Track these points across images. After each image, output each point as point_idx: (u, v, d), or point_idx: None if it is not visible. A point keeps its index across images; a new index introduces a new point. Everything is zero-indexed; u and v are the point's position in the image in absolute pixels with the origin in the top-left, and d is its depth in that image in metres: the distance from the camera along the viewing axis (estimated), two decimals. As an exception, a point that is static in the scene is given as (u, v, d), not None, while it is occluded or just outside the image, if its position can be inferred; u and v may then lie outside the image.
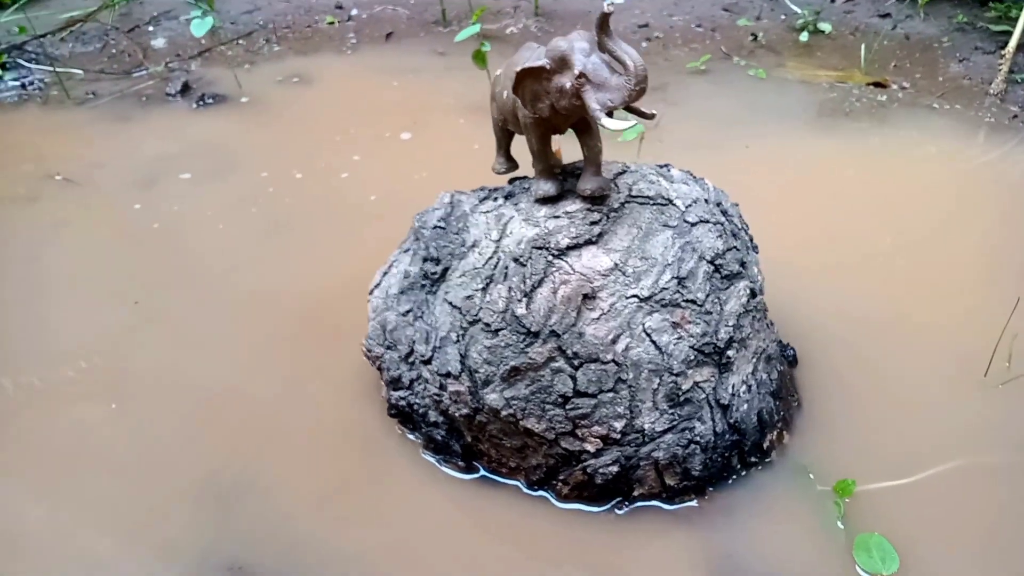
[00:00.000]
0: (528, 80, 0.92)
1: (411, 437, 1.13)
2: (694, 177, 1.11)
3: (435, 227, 1.08)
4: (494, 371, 0.97)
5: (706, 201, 1.05)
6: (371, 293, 1.14)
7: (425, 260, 1.06)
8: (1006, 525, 0.98)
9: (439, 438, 1.07)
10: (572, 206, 0.99)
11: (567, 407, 0.95)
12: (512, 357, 0.95)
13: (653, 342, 0.95)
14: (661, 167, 1.11)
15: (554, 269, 0.95)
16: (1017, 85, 1.92)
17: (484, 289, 0.97)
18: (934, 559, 0.95)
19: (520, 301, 0.94)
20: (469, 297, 0.98)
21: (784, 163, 1.71)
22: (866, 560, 0.93)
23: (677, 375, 0.95)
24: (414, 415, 1.09)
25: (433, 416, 1.06)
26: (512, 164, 1.13)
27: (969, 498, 1.01)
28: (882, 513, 1.00)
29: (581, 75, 0.87)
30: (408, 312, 1.06)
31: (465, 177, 1.28)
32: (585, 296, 0.94)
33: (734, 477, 1.04)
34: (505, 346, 0.95)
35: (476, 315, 0.97)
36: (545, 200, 1.01)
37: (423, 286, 1.05)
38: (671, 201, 1.01)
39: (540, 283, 0.95)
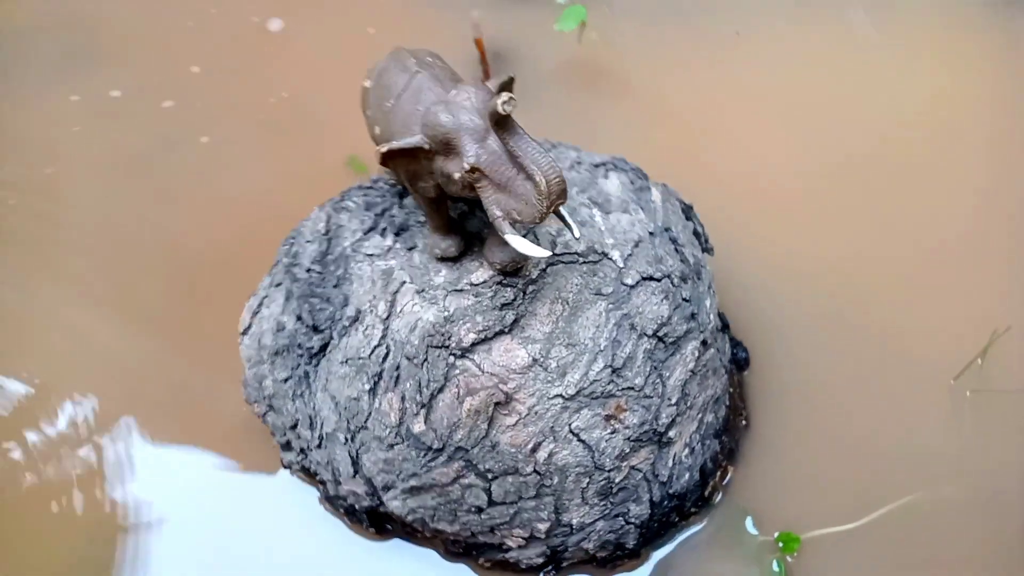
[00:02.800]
0: (400, 160, 0.64)
1: (309, 487, 0.99)
2: (639, 180, 0.87)
3: (309, 269, 0.84)
4: (394, 479, 0.81)
5: (651, 234, 0.83)
6: (242, 334, 0.93)
7: (299, 318, 0.84)
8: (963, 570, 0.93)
9: (341, 505, 0.94)
10: (479, 274, 0.77)
11: (482, 515, 0.82)
12: (412, 474, 0.79)
13: (582, 441, 0.78)
14: (596, 166, 0.86)
15: (457, 372, 0.75)
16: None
17: (372, 391, 0.77)
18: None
19: (417, 415, 0.76)
20: (356, 399, 0.78)
21: (769, 60, 1.41)
22: (805, 636, 0.88)
23: (610, 471, 0.81)
24: (310, 475, 0.95)
25: (332, 489, 0.92)
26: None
27: (925, 539, 0.94)
28: (829, 563, 0.93)
29: (474, 169, 0.60)
30: (287, 380, 0.86)
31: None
32: (497, 403, 0.76)
33: (673, 531, 0.95)
34: (403, 460, 0.78)
35: (364, 423, 0.78)
36: (444, 259, 0.78)
37: (300, 354, 0.85)
38: (606, 255, 0.79)
39: (440, 390, 0.76)
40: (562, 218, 0.67)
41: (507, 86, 0.65)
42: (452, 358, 0.75)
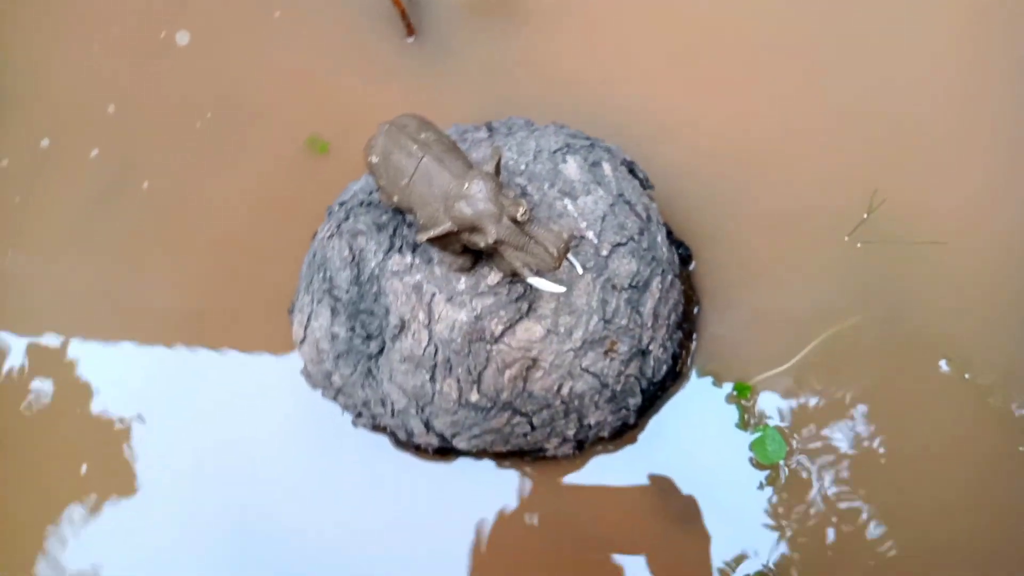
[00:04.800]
0: (438, 240, 0.83)
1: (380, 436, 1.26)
2: (590, 153, 1.07)
3: (348, 290, 1.05)
4: (460, 431, 1.07)
5: (611, 206, 1.04)
6: (300, 343, 1.14)
7: (352, 329, 1.06)
8: (878, 386, 1.26)
9: (412, 445, 1.20)
10: (492, 277, 0.98)
11: (527, 437, 1.09)
12: (474, 425, 1.05)
13: (591, 374, 1.05)
14: (554, 152, 1.06)
15: (495, 354, 0.99)
16: None
17: (432, 379, 1.01)
18: (815, 435, 1.24)
19: (471, 390, 1.01)
20: (420, 386, 1.02)
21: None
22: (762, 454, 1.22)
23: (613, 385, 1.09)
24: (381, 428, 1.21)
25: (403, 438, 1.18)
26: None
27: (841, 368, 1.27)
28: (773, 402, 1.26)
29: (498, 242, 0.80)
30: (352, 374, 1.09)
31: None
32: (528, 367, 1.01)
33: (659, 402, 1.26)
34: (466, 419, 1.05)
35: (431, 400, 1.03)
36: (461, 271, 0.99)
37: (360, 356, 1.07)
38: (583, 237, 1.01)
39: (485, 368, 1.00)
40: (569, 261, 0.89)
41: (497, 166, 0.84)
42: (489, 346, 0.99)
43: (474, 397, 1.02)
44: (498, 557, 1.22)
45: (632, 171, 1.14)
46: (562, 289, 0.90)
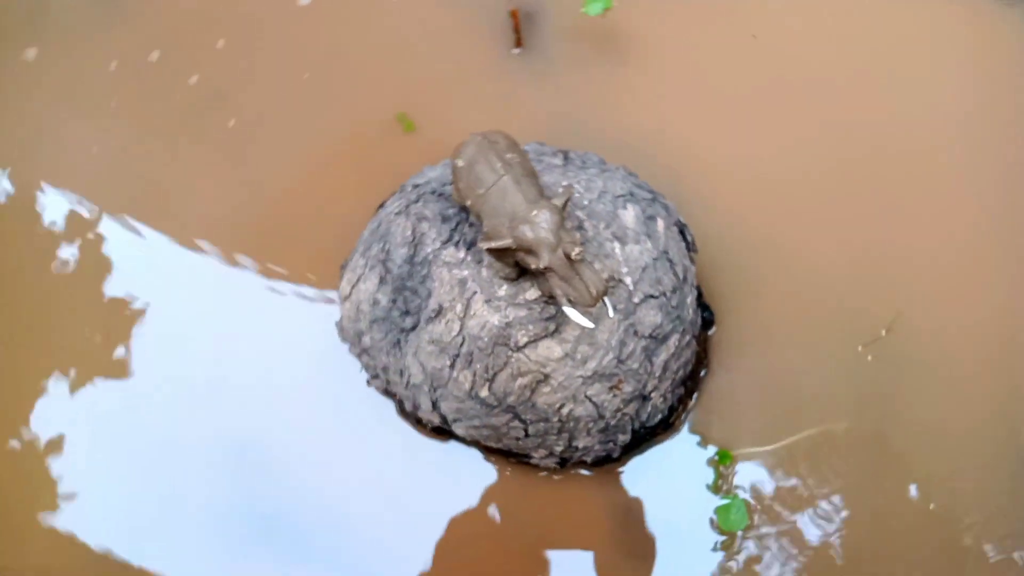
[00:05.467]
0: (495, 251, 0.92)
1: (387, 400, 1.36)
2: (649, 207, 1.15)
3: (401, 266, 1.14)
4: (461, 418, 1.17)
5: (655, 260, 1.13)
6: (344, 300, 1.24)
7: (394, 302, 1.15)
8: (851, 491, 1.33)
9: (413, 416, 1.30)
10: (531, 293, 1.08)
11: (519, 441, 1.19)
12: (475, 417, 1.15)
13: (592, 403, 1.14)
14: (617, 197, 1.14)
15: (513, 361, 1.09)
16: None
17: (452, 366, 1.11)
18: (778, 519, 1.32)
19: (483, 386, 1.10)
20: (439, 369, 1.12)
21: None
22: (724, 520, 1.30)
23: (608, 419, 1.17)
24: (390, 394, 1.30)
25: (409, 408, 1.27)
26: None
27: (821, 465, 1.34)
28: (749, 475, 1.34)
29: (546, 269, 0.89)
30: (383, 340, 1.19)
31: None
32: (539, 381, 1.10)
33: (645, 445, 1.34)
34: (470, 410, 1.14)
35: (445, 385, 1.13)
36: (505, 279, 1.08)
37: (393, 327, 1.17)
38: (621, 280, 1.09)
39: (501, 370, 1.09)
40: (604, 302, 0.98)
41: (565, 204, 0.93)
42: (510, 352, 1.08)
43: (484, 393, 1.11)
44: (453, 535, 1.31)
45: (682, 232, 1.23)
46: (591, 325, 0.99)
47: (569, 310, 0.97)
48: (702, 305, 1.37)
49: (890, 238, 1.49)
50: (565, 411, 1.14)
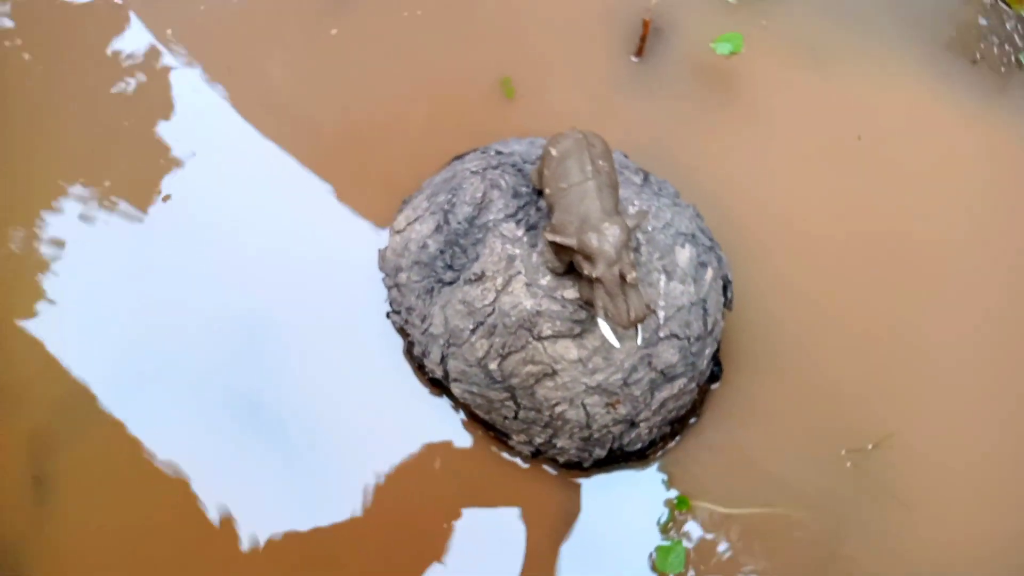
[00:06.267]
0: (555, 244, 0.96)
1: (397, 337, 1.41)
2: (704, 254, 1.19)
3: (460, 222, 1.18)
4: (462, 380, 1.21)
5: (692, 304, 1.17)
6: (396, 232, 1.28)
7: (441, 252, 1.20)
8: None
9: (417, 360, 1.35)
10: (570, 292, 1.12)
11: (506, 420, 1.24)
12: (475, 384, 1.20)
13: (586, 411, 1.19)
14: (679, 234, 1.18)
15: (530, 347, 1.13)
16: None
17: (473, 331, 1.15)
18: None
19: (495, 359, 1.15)
20: (461, 329, 1.17)
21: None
22: (662, 560, 1.35)
23: (594, 430, 1.22)
24: (404, 333, 1.35)
25: (417, 352, 1.32)
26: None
27: (771, 543, 1.39)
28: (699, 528, 1.38)
29: (597, 279, 0.93)
30: (418, 283, 1.23)
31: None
32: (546, 375, 1.14)
33: (615, 467, 1.38)
34: (474, 376, 1.19)
35: (460, 345, 1.17)
36: (552, 271, 1.12)
37: (432, 275, 1.21)
38: (655, 311, 1.13)
39: (516, 352, 1.14)
40: (636, 329, 1.02)
41: (636, 226, 0.97)
42: (531, 339, 1.13)
43: (492, 366, 1.16)
44: (406, 478, 1.36)
45: (725, 287, 1.26)
46: (617, 344, 1.04)
47: (602, 322, 1.01)
48: (715, 359, 1.40)
49: (906, 359, 1.52)
50: (559, 409, 1.18)
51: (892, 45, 1.65)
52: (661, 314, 1.14)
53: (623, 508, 1.39)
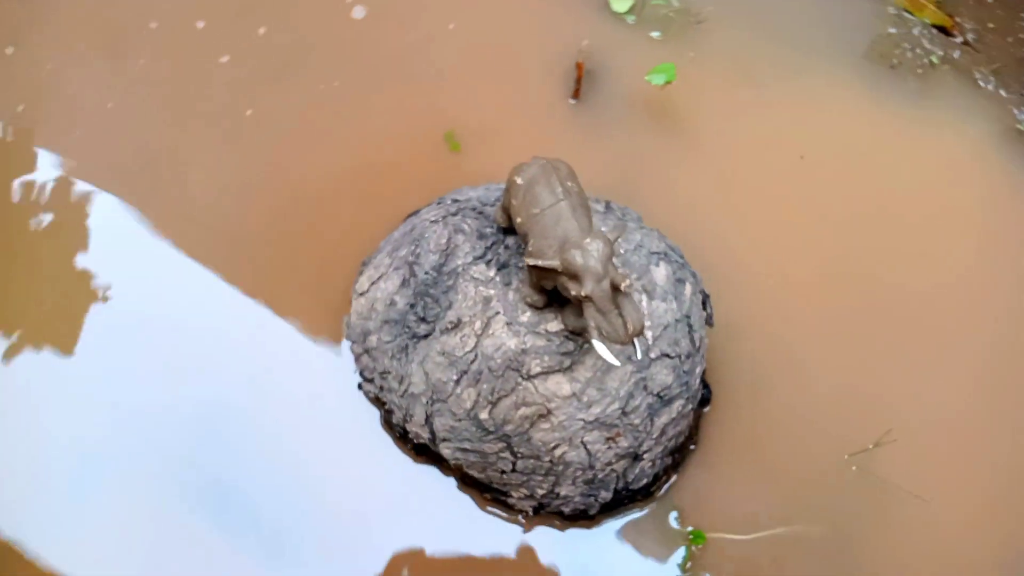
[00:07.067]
0: (536, 270, 0.93)
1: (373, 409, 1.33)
2: (679, 270, 1.16)
3: (427, 272, 1.13)
4: (452, 438, 1.14)
5: (676, 321, 1.13)
6: (360, 295, 1.22)
7: (412, 306, 1.14)
8: None
9: (398, 429, 1.27)
10: (554, 324, 1.07)
11: (504, 475, 1.16)
12: (467, 440, 1.12)
13: (587, 450, 1.12)
14: (652, 253, 1.15)
15: (520, 389, 1.07)
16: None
17: (457, 381, 1.09)
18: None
19: (484, 408, 1.08)
20: (444, 382, 1.10)
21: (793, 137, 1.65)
22: (684, 596, 1.27)
23: (598, 470, 1.15)
24: (379, 402, 1.28)
25: (397, 420, 1.24)
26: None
27: (786, 564, 1.33)
28: (719, 559, 1.31)
29: (587, 297, 0.90)
30: (390, 343, 1.17)
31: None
32: (540, 415, 1.08)
33: (622, 509, 1.31)
34: (464, 431, 1.12)
35: (445, 399, 1.11)
36: (531, 306, 1.08)
37: (405, 331, 1.15)
38: (641, 332, 1.09)
39: (506, 396, 1.08)
40: (634, 344, 0.97)
41: (617, 239, 0.94)
42: (520, 379, 1.07)
43: (483, 415, 1.09)
44: (402, 555, 1.26)
45: (704, 303, 1.23)
46: (617, 363, 0.99)
47: (598, 344, 0.97)
48: (704, 381, 1.36)
49: (893, 362, 1.51)
50: (558, 452, 1.11)
51: (818, 58, 1.71)
52: (649, 335, 1.10)
53: (638, 553, 1.30)
